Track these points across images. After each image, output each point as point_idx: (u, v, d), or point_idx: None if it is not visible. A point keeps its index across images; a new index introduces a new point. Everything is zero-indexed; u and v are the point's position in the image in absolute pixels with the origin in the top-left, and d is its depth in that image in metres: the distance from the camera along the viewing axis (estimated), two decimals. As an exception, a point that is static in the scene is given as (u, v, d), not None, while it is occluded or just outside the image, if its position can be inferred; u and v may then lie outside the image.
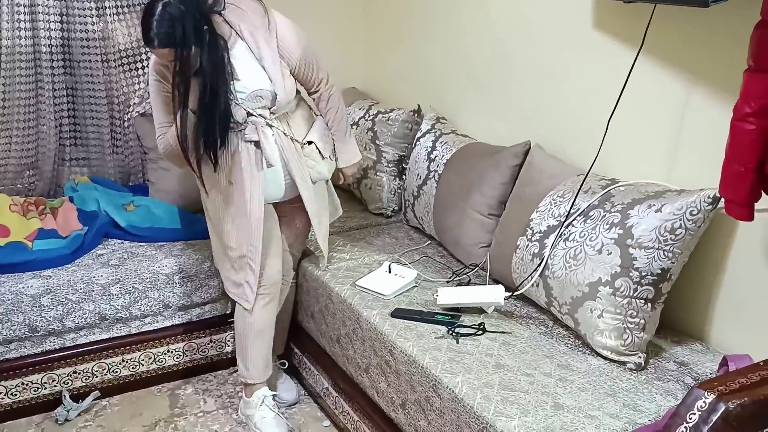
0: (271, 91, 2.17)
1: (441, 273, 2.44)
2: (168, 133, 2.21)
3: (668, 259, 1.82)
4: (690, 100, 1.93)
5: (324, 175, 2.36)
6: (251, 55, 2.15)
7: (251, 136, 2.18)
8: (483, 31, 2.72)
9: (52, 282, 2.46)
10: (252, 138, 2.18)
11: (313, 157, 2.31)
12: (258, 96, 2.17)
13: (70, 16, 2.89)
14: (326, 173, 2.37)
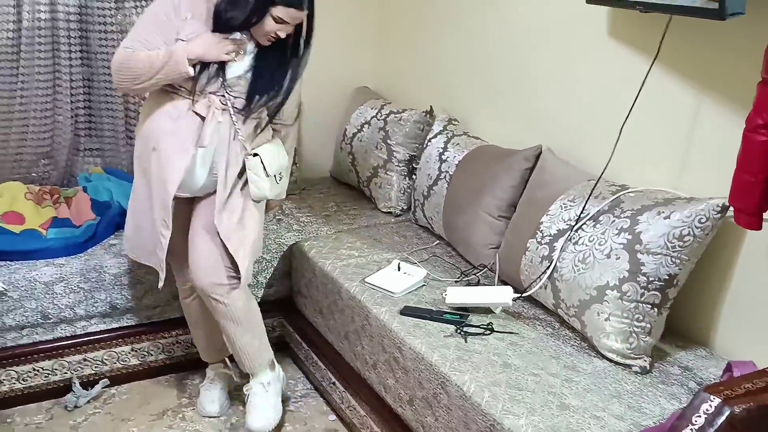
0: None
1: (450, 273, 2.47)
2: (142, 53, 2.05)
3: (675, 265, 1.85)
4: (702, 109, 1.96)
5: (264, 192, 2.22)
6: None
7: (199, 110, 2.11)
8: (497, 33, 2.74)
9: (65, 270, 2.49)
10: (200, 111, 2.11)
11: (256, 171, 2.18)
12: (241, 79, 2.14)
13: (89, 8, 2.92)
14: (268, 192, 2.22)
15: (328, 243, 2.71)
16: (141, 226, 2.28)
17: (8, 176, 2.94)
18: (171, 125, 2.13)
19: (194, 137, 2.13)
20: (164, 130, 2.13)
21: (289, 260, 2.80)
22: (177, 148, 2.13)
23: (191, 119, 2.13)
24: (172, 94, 2.14)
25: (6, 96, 2.86)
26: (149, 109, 2.17)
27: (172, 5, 2.07)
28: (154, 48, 2.05)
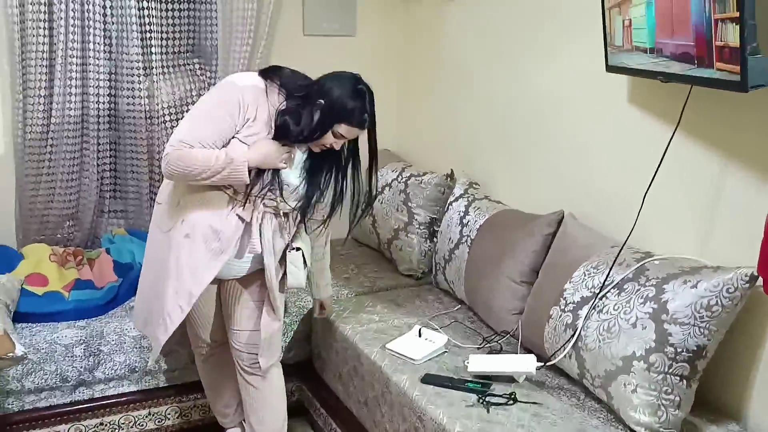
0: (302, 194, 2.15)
1: (471, 339, 2.43)
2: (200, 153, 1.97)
3: (704, 336, 1.81)
4: (727, 177, 1.95)
5: (300, 283, 2.23)
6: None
7: (244, 215, 2.08)
8: (517, 99, 2.77)
9: (85, 332, 2.50)
10: (244, 216, 2.08)
11: (297, 264, 2.19)
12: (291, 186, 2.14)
13: (118, 75, 3.01)
14: (304, 283, 2.24)
15: (348, 306, 2.70)
16: (149, 297, 2.24)
17: (34, 237, 2.99)
18: (213, 221, 2.06)
19: (234, 241, 2.08)
20: (205, 224, 2.06)
21: (309, 323, 2.78)
22: (216, 248, 2.07)
23: (234, 221, 2.07)
24: (216, 189, 2.07)
25: (35, 159, 2.92)
26: (189, 192, 2.08)
27: (237, 106, 2.00)
28: (209, 145, 1.99)
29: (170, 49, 3.08)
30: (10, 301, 2.43)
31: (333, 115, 2.00)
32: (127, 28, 2.94)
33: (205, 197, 2.07)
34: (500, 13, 2.84)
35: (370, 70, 3.53)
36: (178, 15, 3.07)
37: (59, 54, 2.84)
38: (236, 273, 2.21)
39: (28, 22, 2.79)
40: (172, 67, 3.10)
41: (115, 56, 3.00)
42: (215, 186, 2.05)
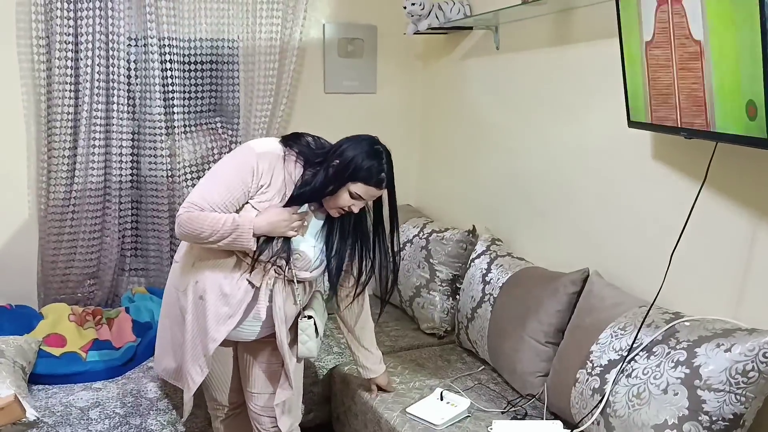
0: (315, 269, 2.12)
1: (495, 402, 2.35)
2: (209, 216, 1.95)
3: (741, 403, 1.71)
4: (759, 235, 1.88)
5: (313, 353, 2.18)
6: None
7: (254, 279, 2.03)
8: (539, 154, 2.74)
9: (101, 394, 2.46)
10: (254, 281, 2.04)
11: (308, 332, 2.15)
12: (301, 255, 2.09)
13: (141, 135, 3.05)
14: (315, 352, 2.19)
15: (368, 367, 2.62)
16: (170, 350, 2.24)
17: (55, 296, 2.99)
18: (224, 285, 2.03)
19: (243, 305, 2.05)
20: (216, 287, 2.03)
21: (329, 385, 2.72)
22: (225, 312, 2.04)
23: (244, 286, 2.04)
24: (229, 253, 2.05)
25: (58, 219, 2.95)
26: (203, 256, 2.07)
27: (252, 172, 1.98)
28: (220, 209, 1.97)
29: (192, 108, 3.12)
30: (27, 363, 2.41)
31: (348, 173, 1.97)
32: (151, 89, 3.00)
33: (218, 260, 2.05)
34: (519, 70, 2.84)
35: (391, 127, 3.59)
36: (200, 75, 3.12)
37: (84, 115, 2.89)
38: (246, 336, 2.16)
39: (54, 84, 2.86)
40: (194, 126, 3.14)
41: (138, 116, 3.05)
42: (230, 255, 2.03)
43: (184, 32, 3.05)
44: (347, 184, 1.98)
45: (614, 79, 2.19)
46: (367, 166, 1.97)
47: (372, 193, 2.02)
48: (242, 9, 3.12)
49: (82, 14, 2.84)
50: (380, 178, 2.00)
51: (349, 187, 1.98)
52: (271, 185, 2.01)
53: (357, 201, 2.02)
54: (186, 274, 2.11)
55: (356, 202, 2.01)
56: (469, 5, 3.03)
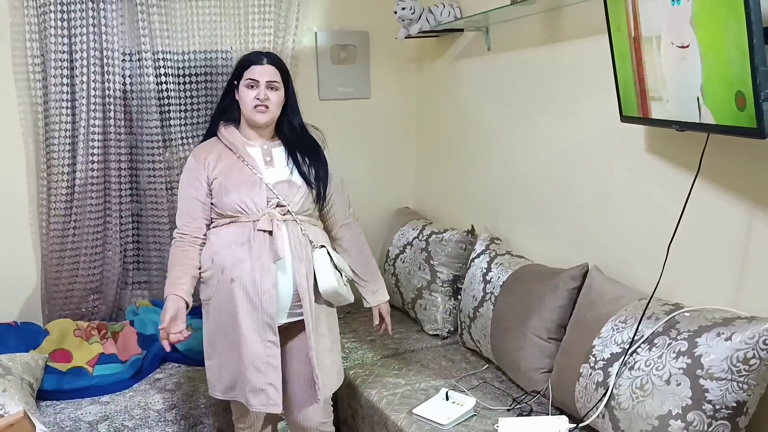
0: (298, 183, 2.25)
1: (501, 400, 2.36)
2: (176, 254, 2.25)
3: (743, 391, 1.72)
4: (754, 223, 1.89)
5: (333, 284, 2.20)
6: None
7: (264, 226, 2.16)
8: (535, 153, 2.76)
9: (109, 408, 2.47)
10: (264, 227, 2.16)
11: (322, 261, 2.21)
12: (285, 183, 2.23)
13: (138, 148, 3.07)
14: (336, 283, 2.21)
15: (373, 370, 2.65)
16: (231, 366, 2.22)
17: (59, 312, 3.01)
18: (243, 251, 2.16)
19: (269, 253, 2.15)
20: (239, 258, 2.16)
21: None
22: (258, 269, 2.14)
23: (260, 237, 2.16)
24: (231, 223, 2.20)
25: (59, 234, 2.96)
26: (214, 247, 2.21)
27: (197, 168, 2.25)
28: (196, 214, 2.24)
29: (188, 120, 3.13)
30: (34, 379, 2.43)
31: (238, 70, 2.25)
32: (147, 103, 3.02)
33: (225, 236, 2.19)
34: (511, 70, 2.86)
35: (387, 131, 3.61)
36: (196, 87, 3.14)
37: (81, 131, 2.91)
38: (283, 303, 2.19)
39: (51, 102, 2.87)
40: (191, 138, 3.15)
41: (136, 130, 3.06)
42: (228, 222, 2.21)
43: (178, 45, 3.07)
44: (241, 81, 2.22)
45: (605, 75, 2.21)
46: (246, 56, 2.28)
47: (258, 71, 2.21)
48: (234, 20, 3.14)
49: (75, 31, 2.86)
50: (258, 58, 2.23)
51: (243, 81, 2.22)
52: (220, 159, 2.24)
53: (257, 88, 2.20)
54: (210, 277, 2.23)
55: (258, 90, 2.20)
56: (459, 7, 3.05)
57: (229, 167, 2.22)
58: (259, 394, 2.16)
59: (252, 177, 2.21)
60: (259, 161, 2.25)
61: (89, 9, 2.86)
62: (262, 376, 2.15)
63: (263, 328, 2.15)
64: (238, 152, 2.24)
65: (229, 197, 2.19)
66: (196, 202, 2.24)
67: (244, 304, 2.15)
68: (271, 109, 2.23)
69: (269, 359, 2.16)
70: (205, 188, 2.23)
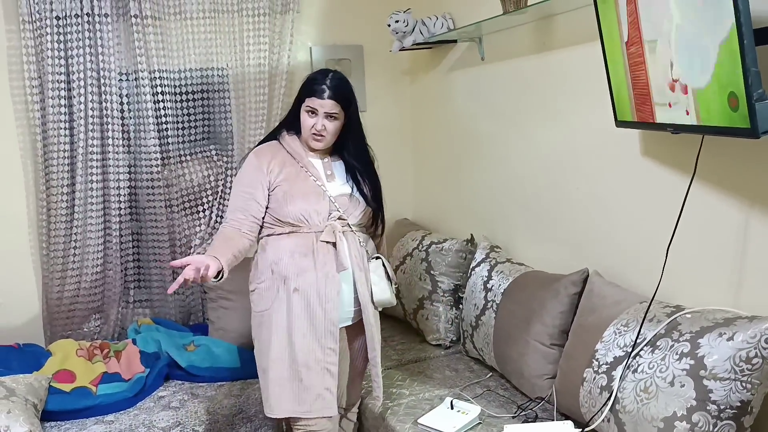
0: (358, 199, 2.27)
1: (505, 407, 2.36)
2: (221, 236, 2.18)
3: (747, 390, 1.73)
4: (752, 223, 1.91)
5: (387, 295, 2.27)
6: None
7: (328, 237, 2.19)
8: (531, 160, 2.78)
9: (114, 427, 2.47)
10: (328, 239, 2.19)
11: (378, 273, 2.27)
12: (345, 197, 2.26)
13: (137, 166, 3.08)
14: (389, 294, 2.28)
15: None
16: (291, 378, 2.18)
17: (61, 333, 3.01)
18: (307, 262, 2.17)
19: (333, 264, 2.19)
20: (302, 268, 2.17)
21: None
22: (323, 279, 2.17)
23: (324, 248, 2.19)
24: (291, 234, 2.20)
25: (60, 255, 2.97)
26: (274, 257, 2.20)
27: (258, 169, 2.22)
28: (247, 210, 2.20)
29: (186, 138, 3.16)
30: (38, 400, 2.43)
31: (299, 93, 2.23)
32: (144, 121, 3.04)
33: (287, 246, 2.19)
34: (505, 79, 2.88)
35: (383, 143, 3.60)
36: (192, 105, 3.16)
37: (80, 151, 2.93)
38: (346, 310, 2.25)
39: (49, 123, 2.90)
40: (188, 155, 3.17)
41: (134, 149, 3.08)
42: (294, 232, 2.20)
43: (174, 64, 3.09)
44: (302, 104, 2.20)
45: (599, 81, 2.23)
46: (311, 80, 2.22)
47: (318, 104, 2.17)
48: (230, 37, 3.17)
49: (72, 52, 2.88)
50: (320, 89, 2.17)
51: (304, 106, 2.20)
52: (284, 166, 2.23)
53: (315, 118, 2.19)
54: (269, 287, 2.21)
55: (316, 119, 2.19)
56: (452, 19, 3.08)
57: (293, 176, 2.21)
58: (316, 400, 2.17)
59: (317, 188, 2.21)
60: (321, 173, 2.26)
61: (85, 30, 2.89)
62: (320, 383, 2.17)
63: (324, 336, 2.17)
64: (302, 162, 2.24)
65: (294, 206, 2.17)
66: (253, 201, 2.20)
67: (304, 313, 2.16)
68: (327, 138, 2.21)
69: (328, 366, 2.18)
70: (265, 192, 2.20)
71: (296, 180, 2.20)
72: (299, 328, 2.16)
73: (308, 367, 2.15)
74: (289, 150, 2.25)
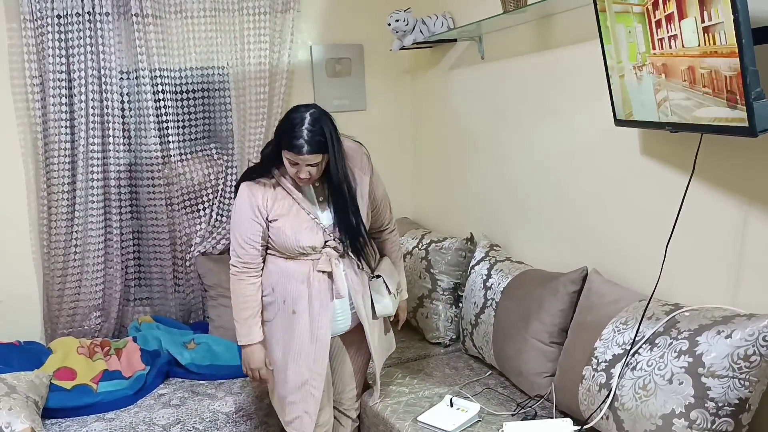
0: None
1: (505, 405, 2.37)
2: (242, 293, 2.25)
3: (745, 387, 1.74)
4: (750, 221, 1.92)
5: (389, 310, 2.36)
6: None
7: (324, 267, 2.22)
8: (531, 159, 2.78)
9: (114, 425, 2.48)
10: (324, 268, 2.22)
11: (380, 291, 2.33)
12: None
13: (138, 165, 3.09)
14: (391, 308, 2.37)
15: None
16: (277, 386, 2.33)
17: (62, 331, 3.02)
18: (305, 288, 2.23)
19: (327, 292, 2.24)
20: (301, 294, 2.23)
21: (338, 400, 2.73)
22: (317, 307, 2.23)
23: (320, 277, 2.23)
24: (291, 260, 2.24)
25: (61, 253, 2.97)
26: (274, 277, 2.26)
27: (254, 209, 2.21)
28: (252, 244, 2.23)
29: (187, 136, 3.16)
30: (39, 397, 2.43)
31: (276, 144, 2.17)
32: (145, 120, 3.04)
33: (288, 271, 2.24)
34: (505, 78, 2.89)
35: (383, 142, 3.63)
36: (193, 104, 3.17)
37: (80, 150, 2.94)
38: (342, 326, 2.32)
39: (50, 122, 2.90)
40: (189, 154, 3.18)
41: (134, 147, 3.09)
42: (291, 258, 2.23)
43: (175, 62, 3.10)
44: (282, 154, 2.14)
45: (598, 80, 2.24)
46: (288, 130, 2.11)
47: (298, 158, 2.11)
48: (230, 36, 3.18)
49: (73, 51, 2.89)
50: (298, 144, 2.08)
51: (284, 154, 2.14)
52: (276, 200, 2.22)
53: (298, 167, 2.13)
54: (272, 304, 2.28)
55: (298, 168, 2.13)
56: (452, 18, 3.08)
57: (286, 210, 2.22)
58: (295, 420, 2.28)
59: (309, 222, 2.22)
60: (313, 202, 2.25)
61: (86, 29, 2.89)
62: (302, 405, 2.26)
63: (314, 361, 2.25)
64: (295, 195, 2.23)
65: (288, 241, 2.20)
66: (257, 233, 2.22)
67: (299, 335, 2.24)
68: (313, 178, 2.18)
69: (312, 390, 2.26)
70: (263, 223, 2.22)
71: (289, 215, 2.21)
72: (294, 349, 2.24)
73: (295, 386, 2.26)
74: (281, 183, 2.24)
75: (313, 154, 2.10)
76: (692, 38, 1.66)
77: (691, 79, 1.72)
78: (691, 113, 1.76)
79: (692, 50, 1.68)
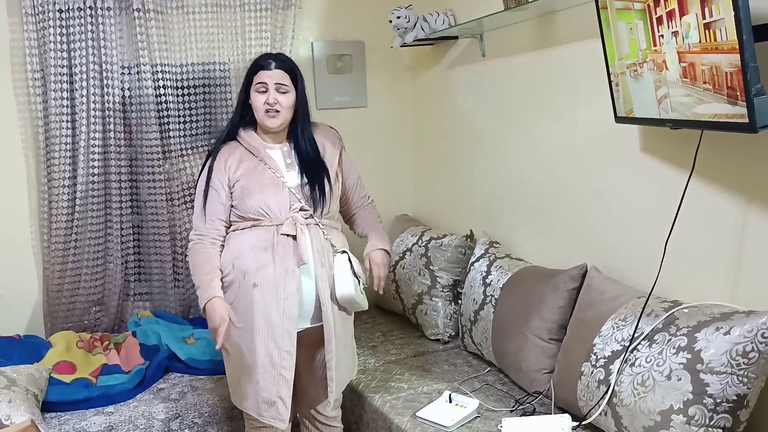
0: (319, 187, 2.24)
1: (504, 401, 2.37)
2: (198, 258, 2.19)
3: (743, 384, 1.74)
4: (750, 218, 1.92)
5: (351, 291, 2.18)
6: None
7: (288, 230, 2.15)
8: (531, 156, 2.79)
9: (114, 418, 2.48)
10: (289, 231, 2.15)
11: (341, 267, 2.20)
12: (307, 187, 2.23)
13: (138, 160, 3.09)
14: (353, 291, 2.19)
15: (376, 376, 2.66)
16: (246, 374, 2.19)
17: (62, 325, 3.02)
18: (267, 256, 2.14)
19: (293, 257, 2.15)
20: (262, 263, 2.14)
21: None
22: (282, 274, 2.13)
23: (284, 241, 2.15)
24: (253, 227, 2.18)
25: (61, 247, 2.98)
26: (235, 252, 2.18)
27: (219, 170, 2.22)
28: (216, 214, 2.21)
29: (188, 132, 3.16)
30: (39, 391, 2.44)
31: (247, 74, 2.23)
32: (146, 115, 3.04)
33: (248, 240, 2.17)
34: (506, 75, 2.89)
35: (384, 138, 3.64)
36: (194, 99, 3.17)
37: (81, 144, 2.94)
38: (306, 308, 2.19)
39: (51, 116, 2.90)
40: (190, 149, 3.17)
41: (135, 142, 3.09)
42: (251, 226, 2.19)
43: (176, 58, 3.10)
44: (252, 85, 2.20)
45: (599, 78, 2.24)
46: (255, 60, 2.25)
47: (267, 75, 2.18)
48: (231, 32, 3.18)
49: (75, 46, 2.89)
50: (267, 62, 2.20)
51: (253, 87, 2.20)
52: (241, 162, 2.22)
53: (266, 94, 2.18)
54: (232, 282, 2.19)
55: (267, 94, 2.18)
56: (453, 15, 3.09)
57: (251, 170, 2.20)
58: (270, 407, 2.16)
59: (275, 180, 2.19)
60: (280, 164, 2.23)
61: (88, 23, 2.90)
62: (275, 389, 2.15)
63: (281, 337, 2.13)
64: (260, 155, 2.22)
65: (252, 200, 2.17)
66: (217, 203, 2.21)
67: (264, 311, 2.13)
68: (282, 113, 2.19)
69: (283, 372, 2.14)
70: (225, 190, 2.20)
71: (253, 173, 2.19)
72: (258, 327, 2.14)
73: (264, 368, 2.14)
74: (246, 145, 2.24)
75: (282, 71, 2.18)
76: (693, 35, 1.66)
77: (692, 76, 1.72)
78: (691, 110, 1.77)
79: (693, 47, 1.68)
